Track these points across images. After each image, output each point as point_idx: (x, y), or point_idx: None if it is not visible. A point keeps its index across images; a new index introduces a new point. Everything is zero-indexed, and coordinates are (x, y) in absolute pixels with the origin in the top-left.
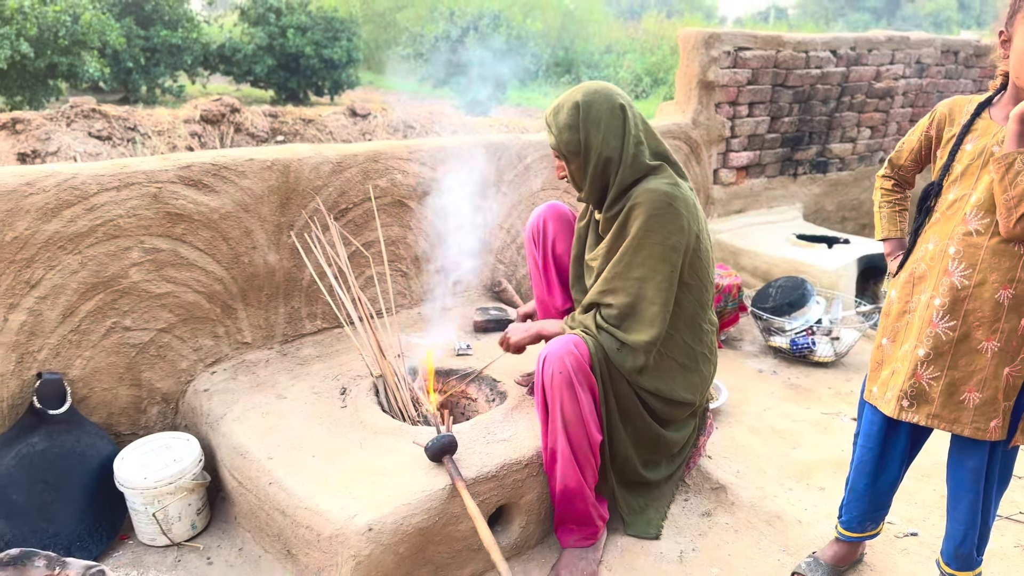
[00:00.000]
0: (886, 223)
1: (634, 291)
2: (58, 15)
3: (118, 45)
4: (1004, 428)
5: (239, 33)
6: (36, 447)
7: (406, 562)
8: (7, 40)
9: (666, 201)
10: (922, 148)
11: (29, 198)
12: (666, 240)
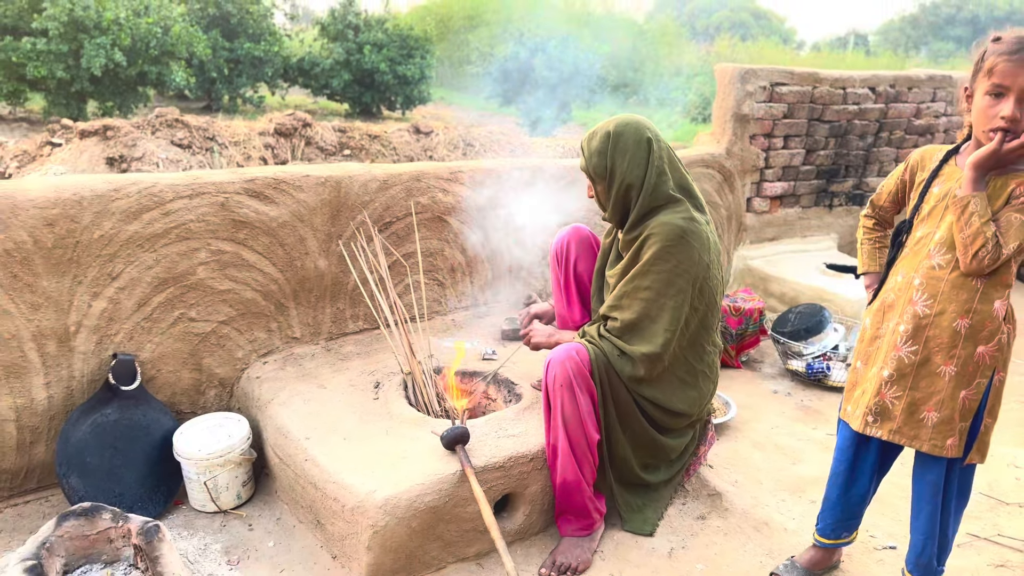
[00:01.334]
0: (866, 258)
1: (638, 309)
2: (150, 27)
3: (204, 56)
4: (960, 446)
5: (318, 48)
6: (109, 417)
7: (418, 536)
8: (103, 49)
9: (679, 234)
10: (899, 191)
11: (115, 202)
12: (675, 268)
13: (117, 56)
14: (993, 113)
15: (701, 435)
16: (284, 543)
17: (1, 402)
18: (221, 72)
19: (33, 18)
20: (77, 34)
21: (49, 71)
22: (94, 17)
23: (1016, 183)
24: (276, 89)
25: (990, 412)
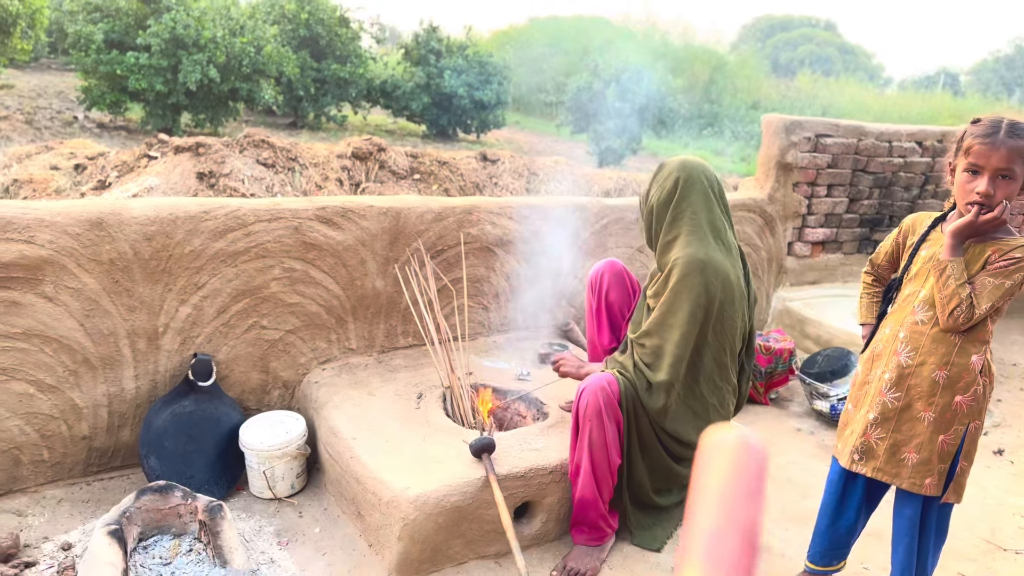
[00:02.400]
0: (864, 311)
1: (663, 336)
2: (244, 46)
3: (292, 75)
4: (939, 486)
5: (401, 71)
6: (186, 409)
7: (443, 531)
8: (199, 65)
9: (698, 267)
10: (894, 251)
11: (205, 222)
12: (690, 297)
13: (212, 72)
14: (970, 188)
15: None
16: (328, 530)
17: (97, 389)
18: (308, 91)
19: (138, 34)
20: (176, 50)
21: (149, 84)
22: (193, 35)
23: (992, 250)
24: (359, 109)
25: (966, 456)
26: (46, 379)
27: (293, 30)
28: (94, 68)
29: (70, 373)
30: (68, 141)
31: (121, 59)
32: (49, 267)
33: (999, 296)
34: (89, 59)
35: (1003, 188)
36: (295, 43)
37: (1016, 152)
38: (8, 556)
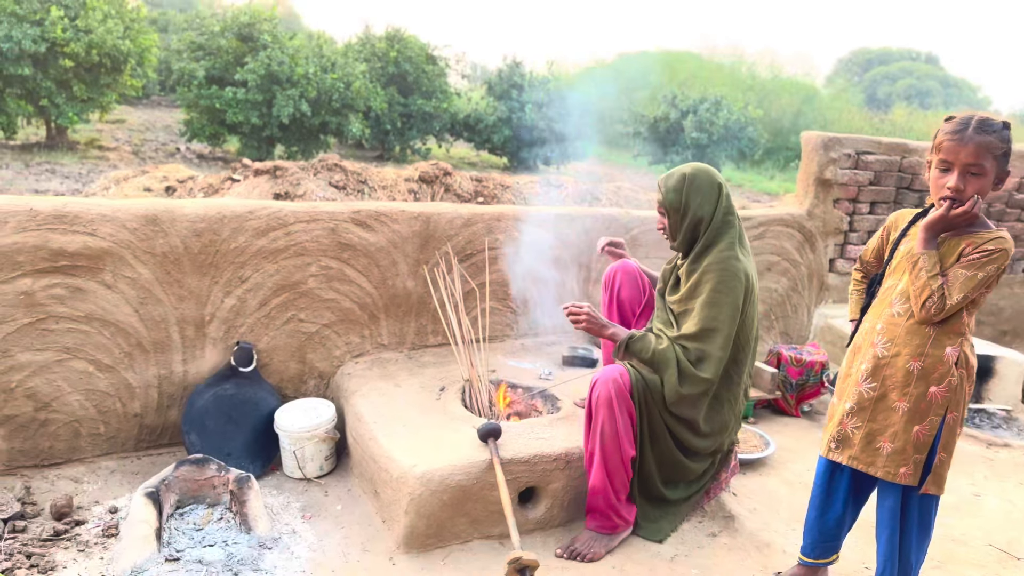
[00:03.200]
0: (853, 307)
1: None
2: (335, 82)
3: (380, 110)
4: (916, 476)
5: (484, 105)
6: (227, 391)
7: (448, 508)
8: (292, 100)
9: (733, 272)
10: (880, 248)
11: (249, 222)
12: (734, 300)
13: (303, 107)
14: (942, 184)
15: (723, 463)
16: (349, 508)
17: (149, 371)
18: (395, 125)
19: (236, 71)
20: (271, 86)
21: (245, 117)
22: (287, 72)
23: (967, 243)
24: (443, 142)
25: (944, 447)
26: (104, 359)
27: (383, 67)
28: (195, 103)
29: (125, 355)
30: (162, 166)
31: (220, 94)
32: (109, 258)
33: (972, 287)
34: (191, 94)
35: (973, 183)
36: (384, 79)
37: (984, 147)
38: (62, 514)
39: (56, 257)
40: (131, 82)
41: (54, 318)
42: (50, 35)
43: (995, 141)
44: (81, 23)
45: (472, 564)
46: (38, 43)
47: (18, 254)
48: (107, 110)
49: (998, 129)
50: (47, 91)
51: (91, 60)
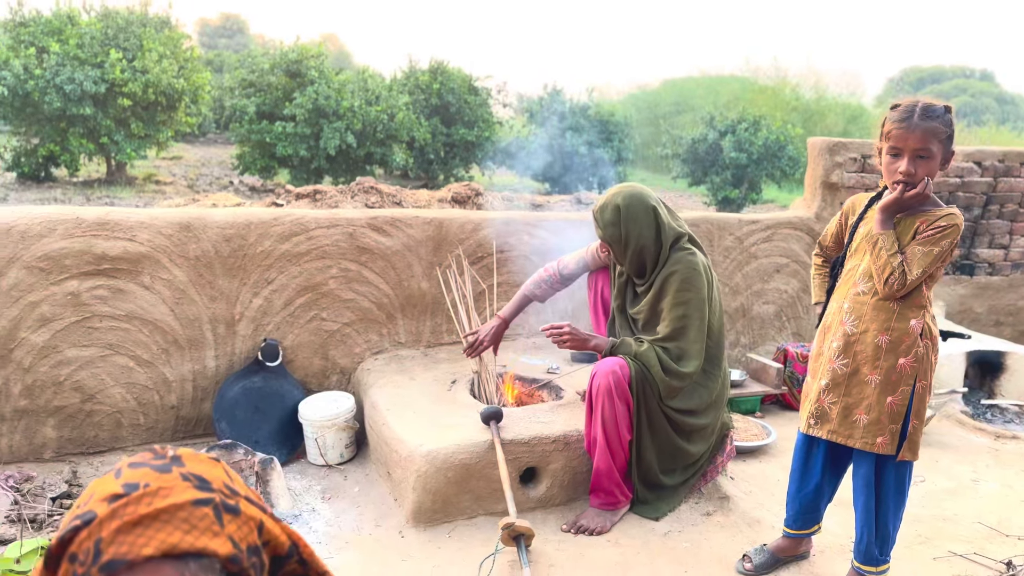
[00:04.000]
0: (817, 290)
1: (682, 335)
2: (379, 114)
3: (423, 140)
4: (893, 445)
5: (526, 133)
6: (255, 384)
7: (453, 485)
8: (338, 132)
9: (693, 267)
10: (838, 232)
11: (273, 227)
12: (698, 294)
13: (349, 138)
14: (894, 169)
15: (719, 446)
16: (365, 490)
17: (184, 366)
18: (438, 154)
19: (285, 106)
20: (319, 119)
21: (294, 150)
22: (333, 105)
23: (921, 221)
24: (485, 170)
25: (916, 415)
26: (143, 355)
27: (426, 99)
28: (247, 137)
29: (162, 351)
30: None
31: (270, 128)
32: (147, 261)
33: (929, 262)
34: (243, 129)
35: (923, 166)
36: (428, 110)
37: (930, 133)
38: None
39: (99, 261)
40: (186, 119)
41: (98, 317)
42: (109, 76)
43: (939, 126)
44: (138, 64)
45: (476, 537)
46: (98, 84)
47: (65, 258)
48: (164, 146)
49: (941, 114)
50: (107, 129)
51: (148, 99)
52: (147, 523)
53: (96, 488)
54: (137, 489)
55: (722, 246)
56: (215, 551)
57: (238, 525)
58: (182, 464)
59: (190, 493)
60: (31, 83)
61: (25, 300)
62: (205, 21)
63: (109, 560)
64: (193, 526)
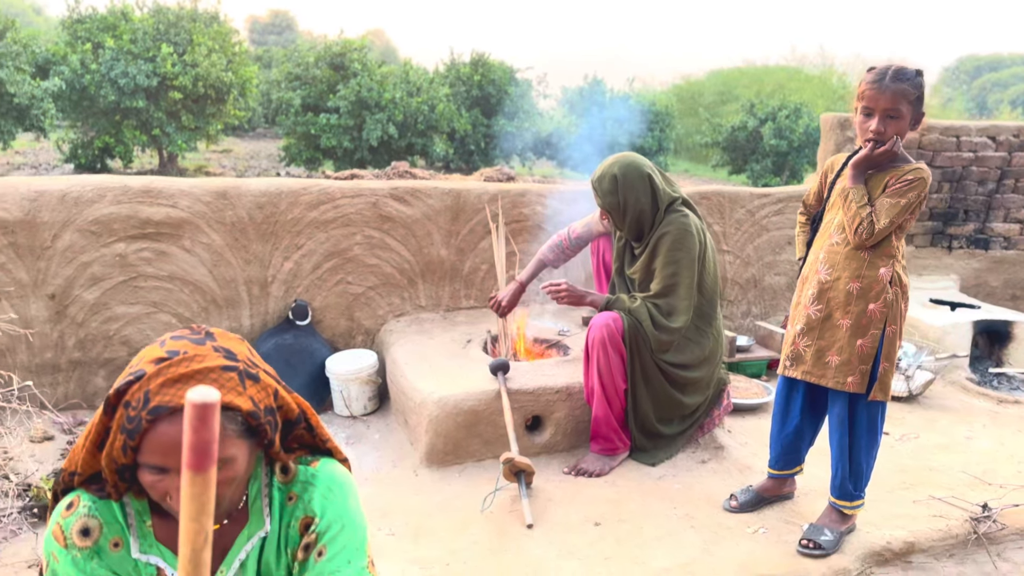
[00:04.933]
0: (800, 246)
1: (672, 291)
2: (420, 105)
3: (463, 131)
4: (863, 384)
5: (566, 124)
6: (286, 341)
7: (462, 429)
8: (380, 123)
9: (684, 229)
10: (819, 190)
11: (302, 196)
12: (689, 254)
13: (391, 129)
14: (866, 127)
15: (715, 400)
16: (385, 437)
17: (222, 324)
18: (478, 145)
19: (329, 98)
20: (361, 111)
21: (338, 141)
22: (375, 97)
23: (890, 176)
24: (526, 161)
25: (886, 357)
26: (184, 313)
27: (467, 91)
28: (293, 129)
29: (202, 309)
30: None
31: (315, 120)
32: (187, 226)
33: (896, 213)
34: (289, 121)
35: (892, 126)
36: (468, 102)
37: (900, 94)
38: None
39: (144, 225)
40: (234, 112)
41: (143, 277)
42: (161, 70)
43: (909, 88)
44: (188, 58)
45: (483, 476)
46: (151, 78)
47: (114, 222)
48: (214, 139)
49: (911, 77)
50: (159, 121)
51: (197, 92)
52: (185, 380)
53: (145, 354)
54: (178, 355)
55: (734, 218)
56: (239, 406)
57: (257, 389)
58: (214, 339)
59: (220, 360)
60: (87, 77)
61: (78, 260)
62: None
63: (155, 406)
64: (221, 385)
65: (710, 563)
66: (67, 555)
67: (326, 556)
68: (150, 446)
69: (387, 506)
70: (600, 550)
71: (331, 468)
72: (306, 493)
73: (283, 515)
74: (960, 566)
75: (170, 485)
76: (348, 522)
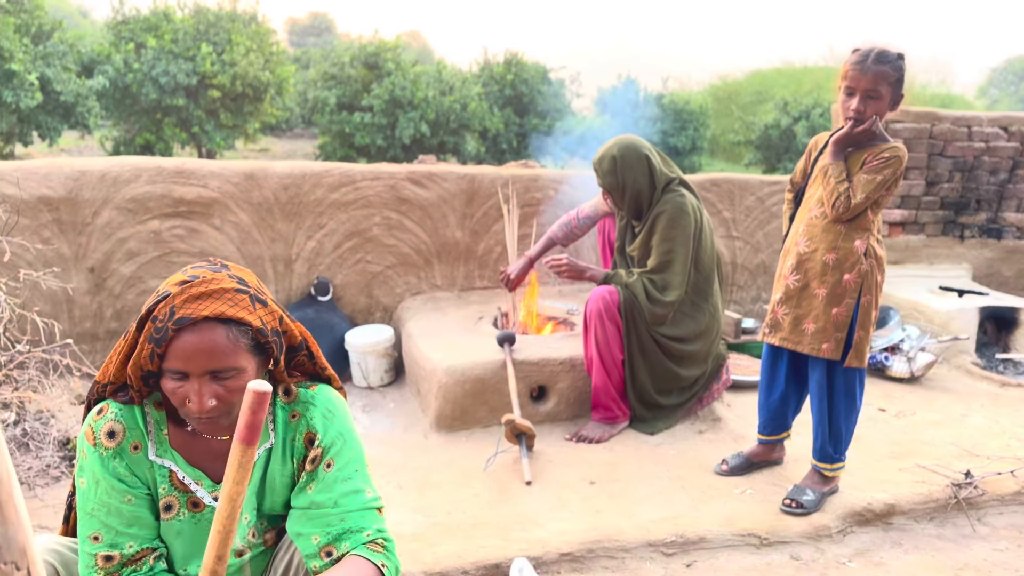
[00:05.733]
0: (787, 222)
1: (667, 267)
2: (452, 104)
3: (495, 130)
4: (838, 351)
5: (599, 123)
6: (309, 315)
7: (470, 397)
8: (412, 122)
9: (680, 207)
10: (805, 168)
11: (324, 178)
12: (682, 232)
13: (423, 128)
14: (847, 107)
15: (714, 375)
16: (400, 406)
17: None
18: (510, 144)
19: (364, 97)
20: (395, 109)
21: (371, 140)
22: (408, 96)
23: (868, 153)
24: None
25: (861, 326)
26: None
27: (500, 90)
28: (328, 128)
29: None
30: None
31: (349, 119)
32: (217, 205)
33: (872, 189)
34: (324, 120)
35: (872, 106)
36: (501, 101)
37: (881, 76)
38: None
39: (177, 204)
40: (271, 110)
41: (175, 252)
42: (200, 69)
43: (889, 70)
44: (227, 57)
45: (488, 441)
46: (190, 76)
47: (149, 201)
48: (252, 137)
49: (893, 60)
50: (198, 119)
51: (235, 90)
52: (204, 298)
53: (170, 279)
54: (198, 278)
55: (743, 205)
56: (249, 322)
57: (265, 312)
58: (229, 269)
59: (234, 284)
60: (130, 76)
61: (116, 236)
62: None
63: (179, 318)
64: (235, 303)
65: (695, 517)
66: (95, 452)
67: (335, 466)
68: (174, 353)
69: (397, 464)
70: (592, 504)
71: (328, 392)
72: (307, 412)
73: (286, 431)
74: (940, 528)
75: (189, 390)
76: (349, 439)
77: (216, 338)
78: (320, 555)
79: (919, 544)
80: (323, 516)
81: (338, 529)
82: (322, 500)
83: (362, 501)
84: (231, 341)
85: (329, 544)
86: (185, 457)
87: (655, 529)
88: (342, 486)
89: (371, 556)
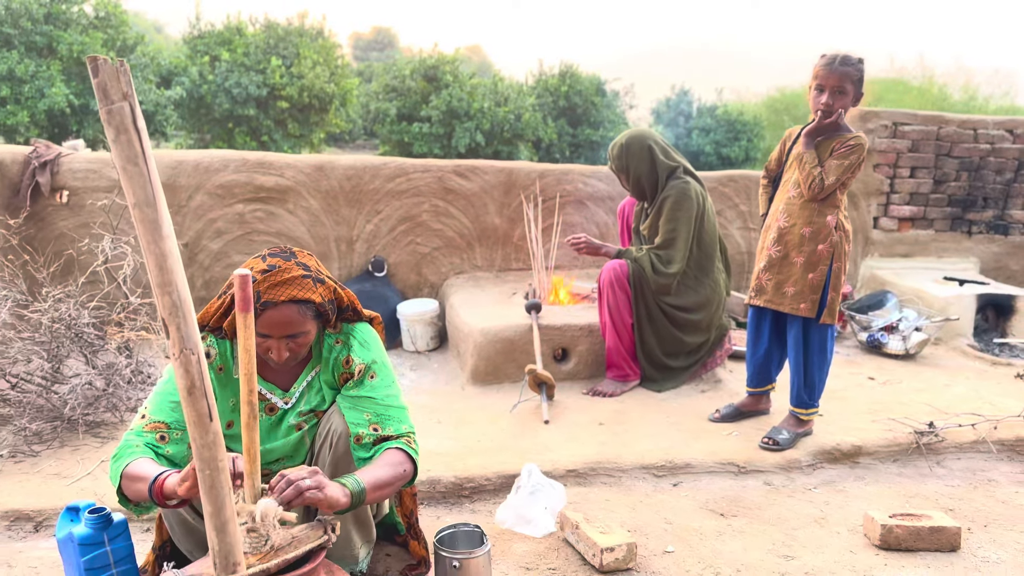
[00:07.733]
0: (763, 203)
1: (671, 244)
2: (506, 114)
3: (549, 140)
4: (813, 310)
5: None
6: (366, 288)
7: (501, 355)
8: (468, 132)
9: (683, 191)
10: (780, 156)
11: (382, 170)
12: (685, 213)
13: (478, 137)
14: (818, 101)
15: (717, 342)
16: (442, 365)
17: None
18: (563, 153)
19: (422, 108)
20: (451, 120)
21: (429, 149)
22: (465, 107)
23: (836, 142)
24: None
25: (833, 288)
26: None
27: (554, 101)
28: (388, 138)
29: None
30: None
31: (408, 129)
32: (291, 192)
33: (840, 172)
34: (385, 130)
35: (839, 100)
36: (555, 112)
37: (845, 76)
38: None
39: (258, 191)
40: (335, 121)
41: (256, 232)
42: (270, 81)
43: (852, 71)
44: (295, 70)
45: (516, 393)
46: (261, 88)
47: (234, 187)
48: (317, 147)
49: (855, 63)
50: (267, 129)
51: (302, 102)
52: (280, 284)
53: (252, 263)
54: (276, 268)
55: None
56: (313, 300)
57: (324, 288)
58: (296, 256)
59: (300, 272)
60: (204, 87)
61: (206, 217)
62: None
63: (264, 301)
64: (303, 287)
65: (685, 450)
66: None
67: (377, 378)
68: (261, 324)
69: (438, 408)
70: (598, 439)
71: (365, 327)
72: (349, 340)
73: (332, 353)
74: (901, 468)
75: (271, 345)
76: (385, 361)
77: (290, 314)
78: (369, 428)
79: (880, 479)
80: (371, 404)
81: (384, 414)
82: (368, 394)
83: (400, 401)
84: (300, 315)
85: (375, 422)
86: (260, 375)
87: (649, 456)
88: (384, 390)
89: (407, 448)
